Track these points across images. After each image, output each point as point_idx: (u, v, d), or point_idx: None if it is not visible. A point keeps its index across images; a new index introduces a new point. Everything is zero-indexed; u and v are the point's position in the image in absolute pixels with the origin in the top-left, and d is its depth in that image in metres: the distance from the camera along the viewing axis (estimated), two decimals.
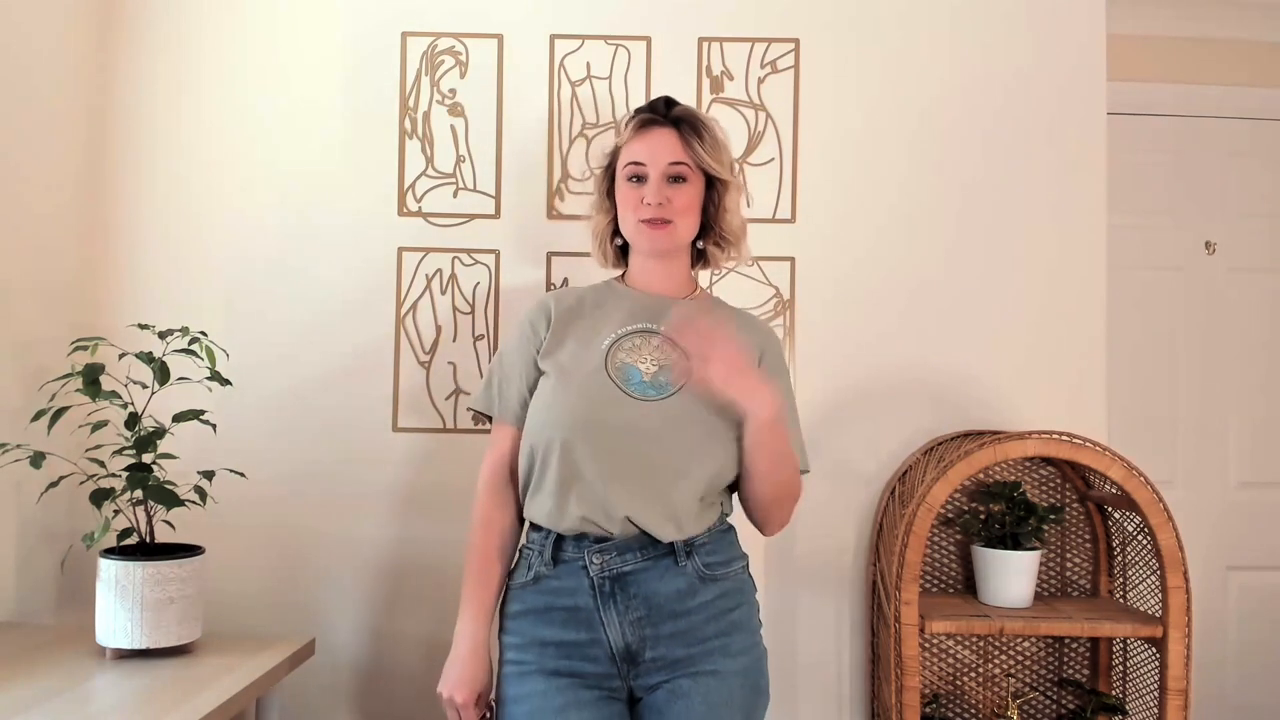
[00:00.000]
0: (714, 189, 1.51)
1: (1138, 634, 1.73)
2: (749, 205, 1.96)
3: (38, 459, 1.55)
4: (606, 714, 1.37)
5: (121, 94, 2.01)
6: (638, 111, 1.51)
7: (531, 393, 1.48)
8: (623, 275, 1.58)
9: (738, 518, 1.51)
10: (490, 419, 1.55)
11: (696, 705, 1.35)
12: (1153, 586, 1.81)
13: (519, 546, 1.50)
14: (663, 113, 1.49)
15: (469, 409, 1.94)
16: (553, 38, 2.02)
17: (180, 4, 2.01)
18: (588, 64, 2.02)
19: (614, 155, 1.54)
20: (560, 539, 1.40)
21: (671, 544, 1.38)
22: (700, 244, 1.55)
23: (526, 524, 1.49)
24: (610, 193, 1.54)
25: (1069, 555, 1.99)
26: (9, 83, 1.76)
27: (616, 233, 1.55)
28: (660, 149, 1.46)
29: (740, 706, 1.39)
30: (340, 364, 1.99)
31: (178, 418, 1.69)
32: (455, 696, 1.40)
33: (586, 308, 1.52)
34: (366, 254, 2.00)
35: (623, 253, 1.58)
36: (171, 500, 1.59)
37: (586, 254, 1.67)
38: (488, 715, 1.44)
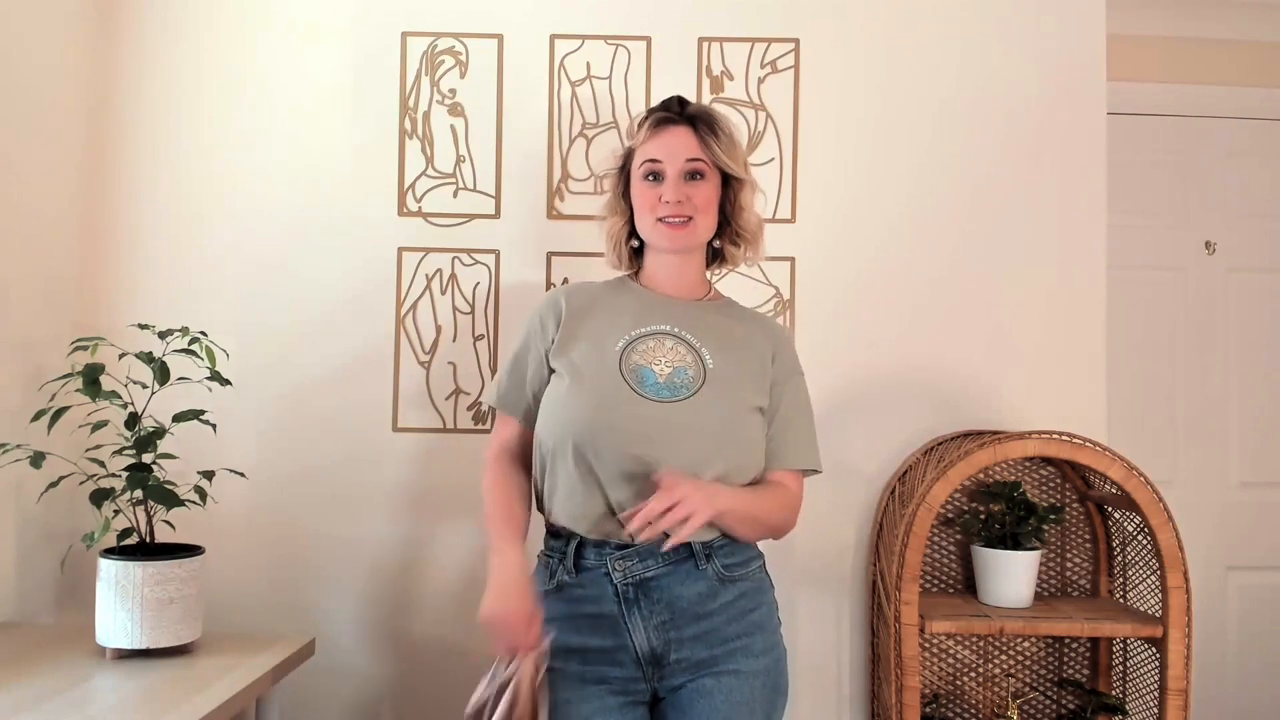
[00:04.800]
0: (730, 187, 1.51)
1: (1138, 634, 1.73)
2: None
3: (38, 459, 1.56)
4: (631, 719, 1.38)
5: (121, 94, 2.01)
6: (651, 111, 1.50)
7: (541, 389, 1.48)
8: (636, 273, 1.57)
9: None
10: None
11: (719, 704, 1.36)
12: (1153, 586, 1.81)
13: (539, 553, 1.49)
14: (677, 111, 1.48)
15: (485, 405, 1.94)
16: (553, 38, 2.02)
17: (179, 4, 2.01)
18: (588, 64, 2.02)
19: (627, 157, 1.53)
20: (581, 546, 1.40)
21: (691, 547, 1.38)
22: (717, 242, 1.55)
23: (544, 530, 1.48)
24: (625, 195, 1.53)
25: (1069, 555, 1.99)
26: (9, 83, 1.76)
27: (632, 234, 1.54)
28: (677, 146, 1.46)
29: (761, 706, 1.39)
30: (340, 364, 1.99)
31: (178, 418, 1.69)
32: (498, 613, 1.31)
33: (599, 306, 1.51)
34: (366, 254, 2.00)
35: (636, 253, 1.57)
36: (171, 500, 1.59)
37: (587, 254, 1.67)
38: (541, 664, 1.32)
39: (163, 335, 1.69)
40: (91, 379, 1.60)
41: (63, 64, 1.92)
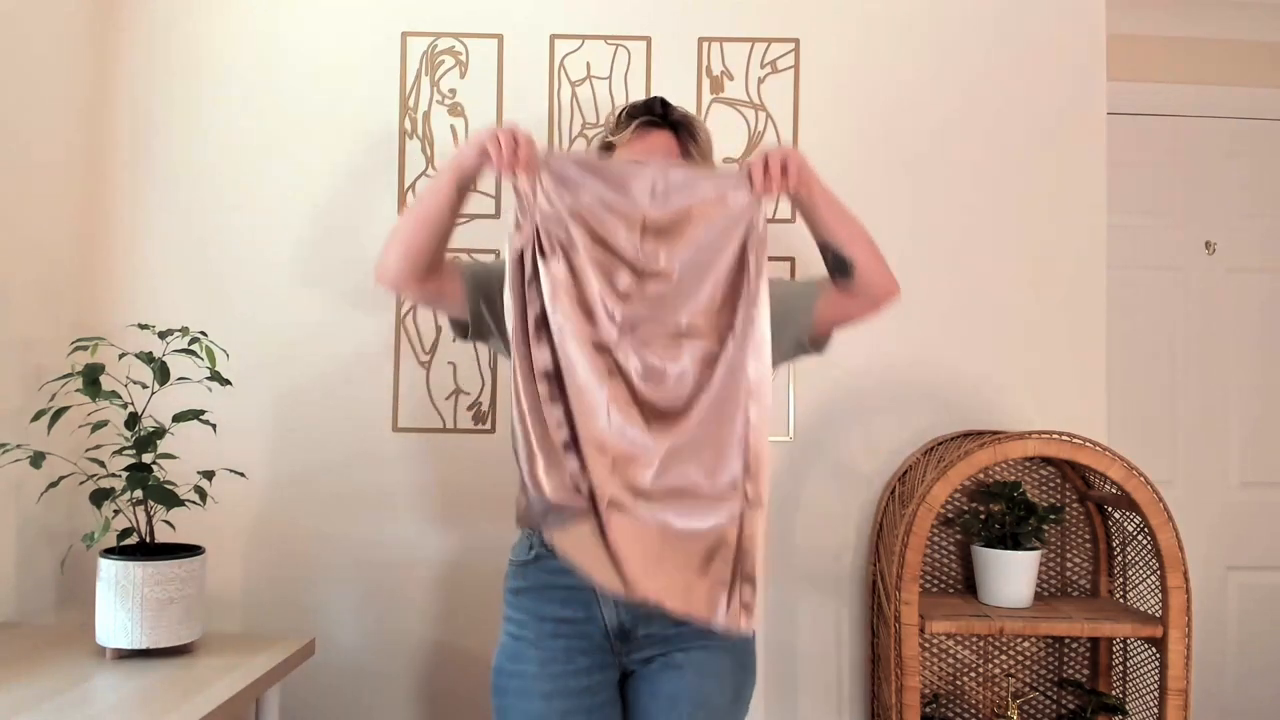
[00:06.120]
0: None
1: (1138, 634, 1.73)
2: None
3: (38, 459, 1.55)
4: (598, 680, 1.40)
5: (121, 94, 2.01)
6: (635, 112, 1.53)
7: (492, 320, 1.46)
8: None
9: None
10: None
11: (688, 675, 1.40)
12: (1153, 586, 1.81)
13: (524, 529, 1.49)
14: (660, 114, 1.52)
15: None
16: (553, 38, 2.02)
17: (180, 5, 2.01)
18: (588, 64, 2.02)
19: (606, 150, 1.55)
20: None
21: None
22: None
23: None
24: None
25: (1069, 555, 1.99)
26: (9, 83, 1.76)
27: None
28: (660, 152, 1.49)
29: (730, 680, 1.43)
30: (340, 364, 1.99)
31: (178, 418, 1.69)
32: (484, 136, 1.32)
33: None
34: (367, 254, 2.00)
35: None
36: (171, 500, 1.59)
37: None
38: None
39: (163, 335, 1.69)
40: (91, 379, 1.59)
41: (63, 65, 1.92)
